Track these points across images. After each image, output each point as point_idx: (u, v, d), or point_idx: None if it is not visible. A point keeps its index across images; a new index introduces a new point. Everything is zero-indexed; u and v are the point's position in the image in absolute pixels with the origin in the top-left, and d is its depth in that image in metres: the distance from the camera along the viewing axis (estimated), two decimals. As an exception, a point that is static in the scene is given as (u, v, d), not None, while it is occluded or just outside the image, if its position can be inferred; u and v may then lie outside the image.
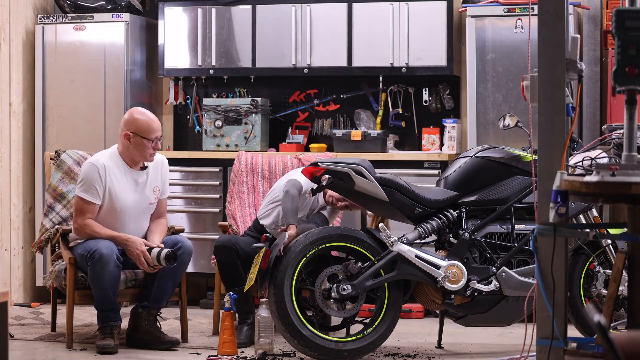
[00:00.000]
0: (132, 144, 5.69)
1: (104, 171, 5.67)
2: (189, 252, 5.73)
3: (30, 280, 7.43)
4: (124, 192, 5.72)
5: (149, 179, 5.82)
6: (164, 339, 5.72)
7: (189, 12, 7.50)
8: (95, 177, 5.66)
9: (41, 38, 7.44)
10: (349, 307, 5.41)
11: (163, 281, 5.71)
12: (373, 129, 7.41)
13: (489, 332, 6.19)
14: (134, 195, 5.75)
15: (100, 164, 5.69)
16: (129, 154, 5.74)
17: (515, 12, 6.83)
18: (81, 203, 5.69)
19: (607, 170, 3.73)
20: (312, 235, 5.39)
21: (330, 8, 7.27)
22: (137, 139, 5.69)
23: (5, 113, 7.21)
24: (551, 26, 3.99)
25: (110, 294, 5.59)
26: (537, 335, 4.03)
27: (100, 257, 5.50)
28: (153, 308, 5.75)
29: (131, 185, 5.75)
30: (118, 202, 5.71)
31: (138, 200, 5.77)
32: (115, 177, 5.71)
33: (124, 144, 5.74)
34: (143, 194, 5.79)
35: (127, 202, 5.73)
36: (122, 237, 5.65)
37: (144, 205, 5.80)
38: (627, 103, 3.81)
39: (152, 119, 5.76)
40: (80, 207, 5.70)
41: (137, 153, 5.73)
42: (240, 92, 7.68)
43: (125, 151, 5.75)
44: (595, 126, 7.02)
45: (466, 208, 5.51)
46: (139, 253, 5.60)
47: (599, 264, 5.60)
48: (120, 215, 5.73)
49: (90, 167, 5.70)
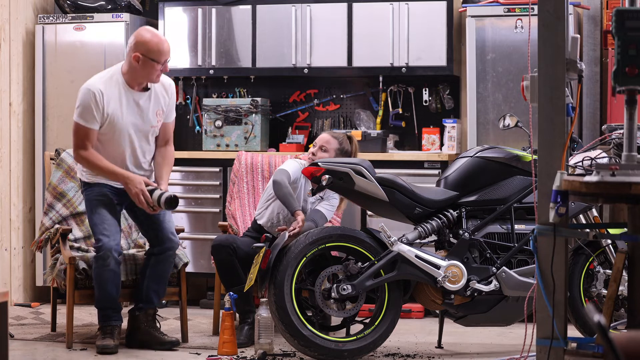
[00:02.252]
0: (141, 65, 5.55)
1: (101, 96, 5.52)
2: (174, 251, 5.71)
3: (30, 280, 7.43)
4: (124, 115, 5.57)
5: (151, 102, 5.67)
6: (164, 339, 5.71)
7: (189, 12, 7.50)
8: (92, 103, 5.51)
9: (41, 38, 7.44)
10: (349, 307, 5.41)
11: (149, 280, 5.69)
12: (373, 129, 7.41)
13: (489, 332, 6.19)
14: (134, 118, 5.60)
15: (96, 89, 5.53)
16: (134, 74, 5.59)
17: (515, 12, 6.84)
18: (79, 129, 5.54)
19: (607, 170, 3.74)
20: (312, 235, 5.39)
21: (330, 8, 7.27)
22: (146, 62, 5.54)
23: (5, 113, 7.21)
24: (551, 26, 3.99)
25: (112, 291, 5.56)
26: (537, 335, 4.03)
27: (103, 250, 5.47)
28: (149, 308, 5.73)
29: (131, 108, 5.60)
30: (118, 125, 5.56)
31: (139, 123, 5.62)
32: (114, 100, 5.55)
33: (131, 65, 5.58)
34: (144, 117, 5.64)
35: (127, 125, 5.58)
36: (123, 175, 5.54)
37: (146, 128, 5.65)
38: (627, 103, 3.82)
39: (163, 40, 5.61)
40: (79, 134, 5.55)
41: (144, 75, 5.58)
42: (240, 92, 7.68)
43: (130, 72, 5.59)
44: (595, 126, 7.02)
45: (466, 208, 5.51)
46: (138, 192, 5.49)
47: (599, 264, 5.60)
48: (120, 139, 5.59)
49: (87, 93, 5.55)
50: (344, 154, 5.96)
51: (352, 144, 6.02)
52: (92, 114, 5.52)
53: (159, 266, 5.70)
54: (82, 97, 5.57)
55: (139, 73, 5.57)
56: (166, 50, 5.58)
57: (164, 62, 5.58)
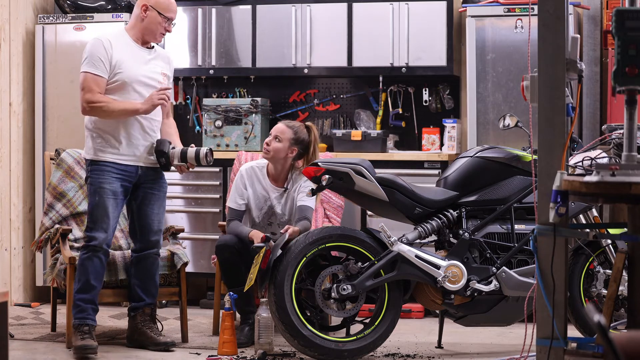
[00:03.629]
0: (147, 17, 5.56)
1: (110, 45, 5.51)
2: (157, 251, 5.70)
3: (30, 280, 7.43)
4: (133, 64, 5.55)
5: (157, 61, 5.67)
6: (158, 340, 5.66)
7: (189, 12, 7.50)
8: (101, 51, 5.50)
9: (41, 38, 7.43)
10: (349, 307, 5.40)
11: (136, 278, 5.66)
12: (373, 129, 7.42)
13: (489, 332, 6.19)
14: (142, 69, 5.58)
15: (104, 39, 5.54)
16: (139, 29, 5.60)
17: (515, 12, 6.84)
18: (88, 78, 5.50)
19: (607, 170, 3.74)
20: (312, 235, 5.39)
21: (330, 8, 7.27)
22: (153, 14, 5.55)
23: (5, 113, 7.21)
24: (551, 26, 3.99)
25: (96, 284, 5.50)
26: (537, 335, 4.03)
27: (96, 243, 5.45)
28: (144, 307, 5.70)
29: (139, 59, 5.59)
30: (127, 74, 5.52)
31: (147, 74, 5.59)
32: (123, 50, 5.55)
33: (137, 18, 5.59)
34: (152, 70, 5.62)
35: (136, 74, 5.55)
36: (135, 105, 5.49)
37: (153, 83, 5.61)
38: (627, 103, 3.82)
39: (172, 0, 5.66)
40: (87, 83, 5.50)
41: (148, 29, 5.58)
42: (240, 92, 7.68)
43: (135, 26, 5.61)
44: (595, 126, 7.02)
45: (466, 208, 5.51)
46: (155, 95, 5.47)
47: (599, 264, 5.60)
48: (130, 90, 5.54)
49: (95, 41, 5.55)
50: (299, 143, 5.94)
51: (311, 134, 5.98)
52: (100, 62, 5.50)
53: (142, 264, 5.68)
54: (90, 45, 5.57)
55: (144, 26, 5.59)
56: (174, 9, 5.63)
57: (169, 21, 5.59)
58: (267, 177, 5.98)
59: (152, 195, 5.68)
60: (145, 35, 5.61)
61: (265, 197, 5.97)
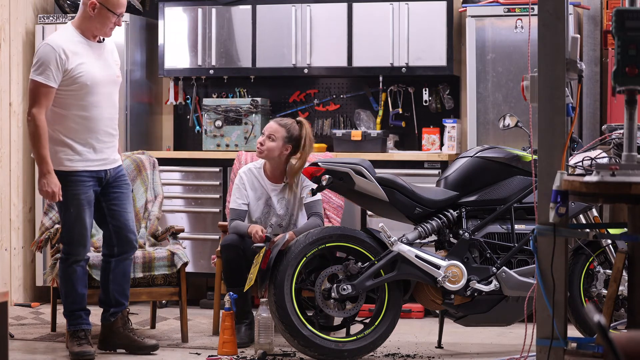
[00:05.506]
0: (96, 15, 5.42)
1: (63, 53, 5.35)
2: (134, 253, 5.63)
3: (30, 280, 7.43)
4: (90, 65, 5.43)
5: (108, 54, 5.58)
6: (144, 343, 5.58)
7: (189, 12, 7.50)
8: (52, 59, 5.32)
9: (41, 38, 7.42)
10: (349, 307, 5.40)
11: (114, 284, 5.56)
12: (373, 129, 7.42)
13: (489, 332, 6.19)
14: (100, 69, 5.47)
15: (57, 46, 5.35)
16: (88, 25, 5.47)
17: (515, 12, 6.83)
18: (35, 87, 5.31)
19: (607, 170, 3.74)
20: (312, 235, 5.39)
21: (330, 8, 7.27)
22: (102, 11, 5.42)
23: (5, 113, 7.21)
24: (551, 26, 3.99)
25: (82, 291, 5.47)
26: (537, 335, 4.03)
27: (76, 257, 5.42)
28: (122, 309, 5.60)
29: (95, 59, 5.48)
30: (87, 77, 5.39)
31: (105, 73, 5.48)
32: (78, 55, 5.40)
33: (84, 14, 5.46)
34: (108, 67, 5.53)
35: (96, 75, 5.43)
36: (48, 166, 5.30)
37: (112, 78, 5.53)
38: (627, 103, 3.82)
39: None
40: (34, 92, 5.31)
41: (98, 26, 5.46)
42: (240, 92, 7.68)
43: (84, 22, 5.47)
44: (595, 126, 7.02)
45: (466, 208, 5.51)
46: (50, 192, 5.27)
47: (599, 264, 5.60)
48: (93, 92, 5.41)
49: (48, 49, 5.37)
50: (293, 140, 5.95)
51: (303, 129, 5.97)
52: (50, 70, 5.33)
53: (119, 268, 5.57)
54: (43, 54, 5.37)
55: (93, 23, 5.45)
56: (123, 3, 5.47)
57: (119, 15, 5.47)
58: (265, 176, 5.99)
59: (121, 194, 5.57)
60: (95, 31, 5.48)
61: (266, 198, 5.97)
